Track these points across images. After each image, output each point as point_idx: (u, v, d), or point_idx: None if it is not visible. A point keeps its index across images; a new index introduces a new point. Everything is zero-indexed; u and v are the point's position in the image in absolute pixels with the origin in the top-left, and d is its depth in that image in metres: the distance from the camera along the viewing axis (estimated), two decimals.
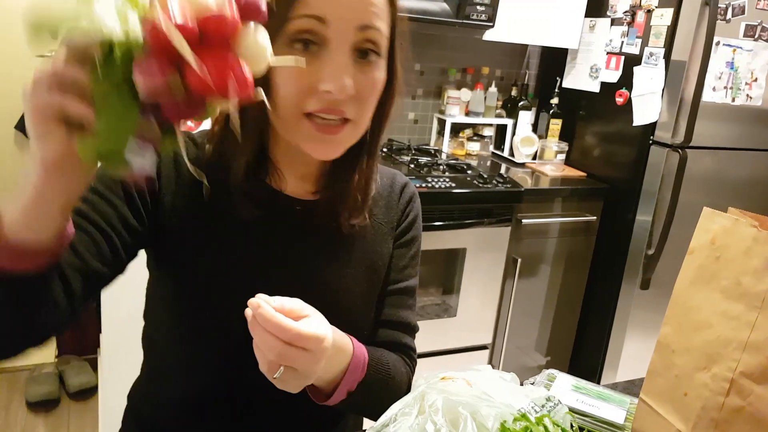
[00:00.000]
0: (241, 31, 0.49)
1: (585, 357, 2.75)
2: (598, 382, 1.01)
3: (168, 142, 0.51)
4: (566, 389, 0.93)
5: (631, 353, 2.57)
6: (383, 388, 0.85)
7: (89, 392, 2.49)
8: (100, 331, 2.08)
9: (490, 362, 2.57)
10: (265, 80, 0.65)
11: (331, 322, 0.73)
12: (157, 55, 0.45)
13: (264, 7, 0.51)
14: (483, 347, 2.54)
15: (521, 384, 0.89)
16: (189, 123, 0.52)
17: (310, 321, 0.67)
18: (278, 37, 0.68)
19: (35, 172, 0.53)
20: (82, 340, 2.63)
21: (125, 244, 0.74)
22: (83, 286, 0.68)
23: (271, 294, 0.67)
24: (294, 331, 0.64)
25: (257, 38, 0.50)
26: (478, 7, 2.30)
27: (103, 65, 0.46)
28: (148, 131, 0.49)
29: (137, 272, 0.84)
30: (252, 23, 0.50)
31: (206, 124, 0.77)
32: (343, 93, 0.68)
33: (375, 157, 0.84)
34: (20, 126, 3.98)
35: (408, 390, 0.90)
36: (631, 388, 1.08)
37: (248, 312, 0.65)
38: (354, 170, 0.83)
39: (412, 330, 0.97)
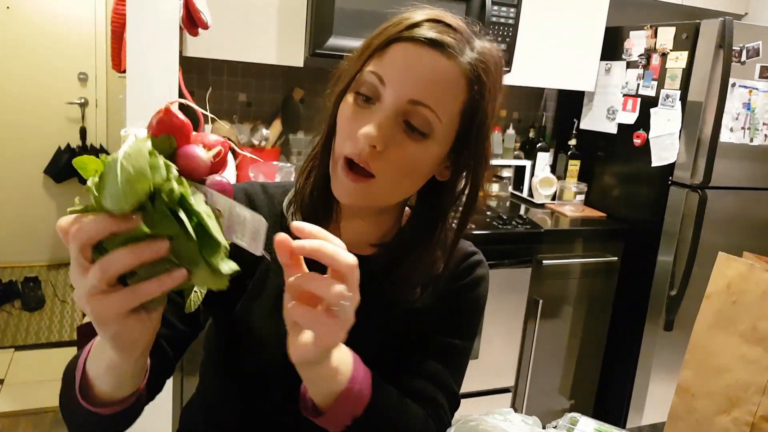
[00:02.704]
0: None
1: (610, 400, 2.71)
2: (624, 426, 1.00)
3: None
4: None
5: (657, 395, 2.52)
6: (396, 417, 0.78)
7: None
8: None
9: (513, 405, 2.55)
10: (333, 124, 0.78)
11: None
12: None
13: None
14: (506, 390, 2.51)
15: (543, 427, 0.90)
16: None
17: None
18: (351, 85, 0.76)
19: (112, 357, 0.59)
20: None
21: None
22: (174, 351, 0.80)
23: None
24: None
25: None
26: None
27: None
28: None
29: None
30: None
31: None
32: (366, 140, 0.71)
33: (447, 251, 0.85)
34: (48, 171, 4.10)
35: None
36: None
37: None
38: (418, 245, 0.83)
39: (448, 389, 0.88)
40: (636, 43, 2.55)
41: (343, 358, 0.68)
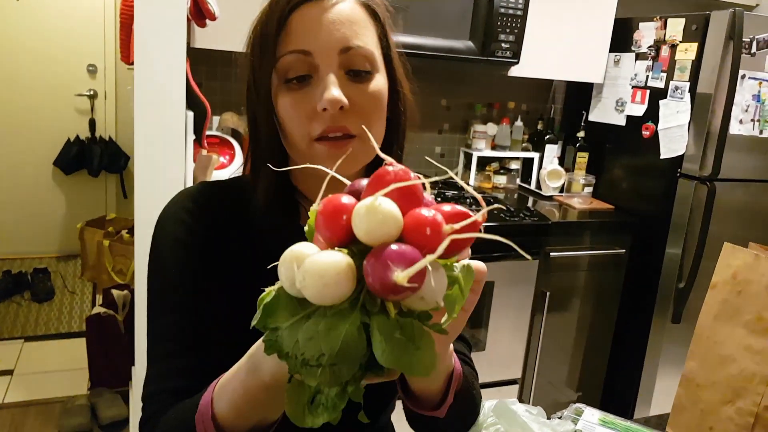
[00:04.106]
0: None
1: (617, 392, 2.70)
2: (631, 418, 1.00)
3: None
4: (594, 423, 0.93)
5: (665, 388, 2.52)
6: (471, 396, 0.82)
7: (121, 424, 2.52)
8: (132, 364, 2.12)
9: (519, 397, 2.55)
10: (271, 115, 0.77)
11: None
12: None
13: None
14: (513, 382, 2.52)
15: (548, 418, 0.90)
16: None
17: None
18: (275, 78, 0.76)
19: (261, 388, 0.58)
20: (114, 372, 2.67)
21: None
22: None
23: None
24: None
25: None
26: (503, 45, 2.35)
27: None
28: None
29: None
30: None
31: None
32: (335, 105, 0.71)
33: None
34: (58, 162, 4.12)
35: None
36: (662, 423, 1.07)
37: None
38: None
39: (466, 340, 0.94)
40: (645, 34, 2.53)
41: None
